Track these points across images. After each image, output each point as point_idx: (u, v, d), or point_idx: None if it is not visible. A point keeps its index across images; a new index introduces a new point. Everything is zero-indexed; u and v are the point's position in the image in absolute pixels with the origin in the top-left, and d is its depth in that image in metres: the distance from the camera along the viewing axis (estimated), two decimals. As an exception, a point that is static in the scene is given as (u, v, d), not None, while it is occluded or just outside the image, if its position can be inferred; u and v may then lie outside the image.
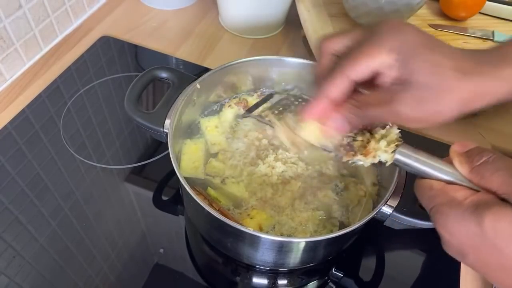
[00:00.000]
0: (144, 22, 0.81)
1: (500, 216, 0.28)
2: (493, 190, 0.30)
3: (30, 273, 0.48)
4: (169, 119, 0.49)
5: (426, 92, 0.33)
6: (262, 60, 0.55)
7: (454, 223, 0.30)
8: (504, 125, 0.66)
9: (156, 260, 0.51)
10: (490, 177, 0.30)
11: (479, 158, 0.32)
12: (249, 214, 0.47)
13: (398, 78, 0.34)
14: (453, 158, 0.34)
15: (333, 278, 0.50)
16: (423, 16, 0.74)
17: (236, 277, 0.50)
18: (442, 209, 0.31)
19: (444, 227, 0.31)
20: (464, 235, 0.30)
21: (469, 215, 0.29)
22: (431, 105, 0.33)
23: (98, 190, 0.56)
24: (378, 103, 0.35)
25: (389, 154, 0.36)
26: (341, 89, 0.36)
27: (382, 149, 0.36)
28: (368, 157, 0.37)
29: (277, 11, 0.75)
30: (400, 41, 0.34)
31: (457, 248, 0.31)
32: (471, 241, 0.29)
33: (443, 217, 0.31)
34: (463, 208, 0.30)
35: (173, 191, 0.57)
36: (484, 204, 0.29)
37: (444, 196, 0.32)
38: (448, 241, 0.31)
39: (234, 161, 0.52)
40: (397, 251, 0.53)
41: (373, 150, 0.37)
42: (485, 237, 0.28)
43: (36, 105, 0.64)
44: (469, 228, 0.29)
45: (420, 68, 0.33)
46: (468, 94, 0.33)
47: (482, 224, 0.28)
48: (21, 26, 0.65)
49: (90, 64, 0.72)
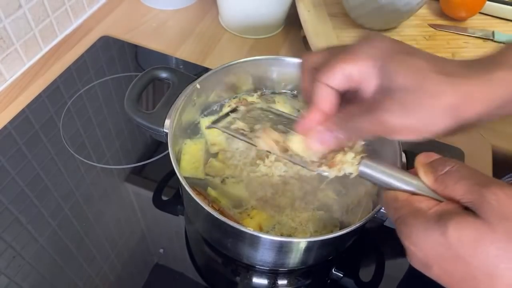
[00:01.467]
0: (144, 22, 0.81)
1: (464, 225, 0.27)
2: (457, 198, 0.30)
3: (30, 273, 0.48)
4: (169, 119, 0.49)
5: (408, 97, 0.32)
6: (262, 60, 0.55)
7: (418, 233, 0.29)
8: (504, 125, 0.66)
9: (156, 260, 0.51)
10: (453, 186, 0.30)
11: (442, 168, 0.31)
12: (249, 214, 0.47)
13: (379, 86, 0.33)
14: (418, 169, 0.33)
15: (333, 278, 0.50)
16: (423, 16, 0.74)
17: (236, 277, 0.50)
18: (407, 220, 0.31)
19: (409, 238, 0.30)
20: (428, 246, 0.29)
21: (433, 225, 0.29)
22: (417, 111, 0.32)
23: (98, 190, 0.56)
24: (362, 113, 0.34)
25: (354, 166, 0.36)
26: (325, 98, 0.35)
27: (349, 162, 0.36)
28: (333, 169, 0.37)
29: (277, 11, 0.75)
30: (377, 48, 0.33)
31: (422, 260, 0.30)
32: (435, 251, 0.29)
33: (408, 227, 0.30)
34: (427, 218, 0.29)
35: (173, 191, 0.57)
36: (447, 213, 0.29)
37: (409, 207, 0.32)
38: (413, 252, 0.30)
39: (234, 161, 0.52)
40: (397, 252, 0.53)
41: (339, 162, 0.37)
42: (449, 246, 0.28)
43: (36, 105, 0.64)
44: (433, 238, 0.29)
45: (400, 73, 0.32)
46: (455, 99, 0.32)
47: (446, 234, 0.28)
48: (21, 26, 0.65)
49: (90, 64, 0.72)
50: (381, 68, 0.33)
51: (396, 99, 0.32)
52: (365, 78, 0.34)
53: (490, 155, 0.63)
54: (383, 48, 0.34)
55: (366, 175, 0.36)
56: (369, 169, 0.36)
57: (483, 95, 0.32)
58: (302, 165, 0.39)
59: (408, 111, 0.32)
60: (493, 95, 0.32)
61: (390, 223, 0.45)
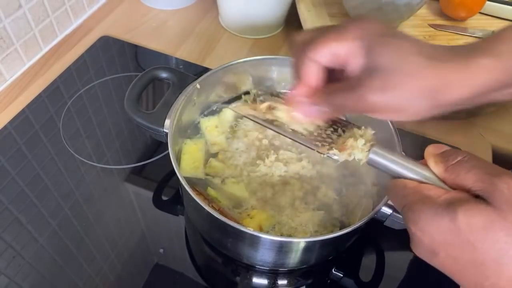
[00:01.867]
0: (144, 22, 0.81)
1: (474, 212, 0.28)
2: (467, 187, 0.30)
3: (30, 273, 0.48)
4: (169, 119, 0.49)
5: (389, 76, 0.33)
6: (262, 60, 0.55)
7: (426, 219, 0.30)
8: (504, 125, 0.66)
9: (156, 260, 0.51)
10: (465, 175, 0.30)
11: (454, 158, 0.31)
12: (249, 214, 0.47)
13: (364, 65, 0.34)
14: (428, 159, 0.33)
15: (333, 278, 0.50)
16: (423, 16, 0.74)
17: (236, 277, 0.50)
18: (415, 207, 0.31)
19: (416, 224, 0.30)
20: (436, 232, 0.29)
21: (442, 211, 0.29)
22: (396, 91, 0.33)
23: (98, 190, 0.56)
24: (346, 89, 0.35)
25: (364, 153, 0.36)
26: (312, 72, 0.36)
27: (359, 148, 0.36)
28: (343, 152, 0.37)
29: (277, 11, 0.75)
30: (364, 29, 0.34)
31: (428, 246, 0.30)
32: (443, 237, 0.29)
33: (416, 214, 0.30)
34: (436, 204, 0.30)
35: (173, 191, 0.57)
36: (457, 200, 0.29)
37: (417, 194, 0.32)
38: (419, 239, 0.30)
39: (234, 161, 0.52)
40: (397, 251, 0.53)
41: (350, 147, 0.37)
42: (458, 232, 0.28)
43: (36, 105, 0.64)
44: (442, 224, 0.29)
45: (383, 53, 0.33)
46: (435, 82, 0.32)
47: (456, 220, 0.28)
48: (21, 26, 0.65)
49: (90, 64, 0.72)
50: (366, 48, 0.34)
51: (377, 78, 0.33)
52: (351, 57, 0.35)
53: (490, 155, 0.63)
54: (370, 29, 0.34)
55: (375, 163, 0.36)
56: (378, 157, 0.36)
57: (464, 81, 0.32)
58: (312, 147, 0.38)
59: (387, 90, 0.33)
60: (473, 81, 0.33)
61: (390, 223, 0.45)
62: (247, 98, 0.44)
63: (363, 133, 0.38)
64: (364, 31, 0.34)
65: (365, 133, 0.37)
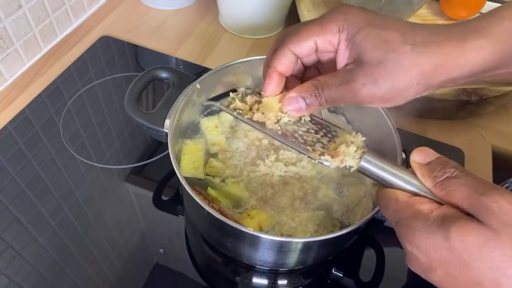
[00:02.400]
0: (144, 22, 0.81)
1: (467, 229, 0.27)
2: (456, 204, 0.30)
3: (30, 273, 0.48)
4: (169, 119, 0.49)
5: (378, 68, 0.33)
6: (262, 60, 0.55)
7: (421, 236, 0.29)
8: (504, 125, 0.66)
9: (156, 260, 0.51)
10: (454, 192, 0.30)
11: (441, 174, 0.31)
12: (249, 214, 0.47)
13: (350, 57, 0.34)
14: (415, 170, 0.33)
15: (333, 278, 0.50)
16: (423, 16, 0.74)
17: (236, 277, 0.50)
18: (409, 223, 0.30)
19: (411, 242, 0.30)
20: (431, 249, 0.29)
21: (436, 228, 0.29)
22: (389, 81, 0.33)
23: (98, 190, 0.56)
24: (336, 83, 0.35)
25: (355, 160, 0.36)
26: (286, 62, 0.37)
27: (351, 154, 0.36)
28: (336, 159, 0.37)
29: (277, 11, 0.75)
30: (347, 20, 0.34)
31: (425, 264, 0.30)
32: (438, 255, 0.28)
33: (410, 230, 0.30)
34: (430, 221, 0.29)
35: (173, 191, 0.57)
36: (450, 217, 0.29)
37: (410, 209, 0.31)
38: (415, 256, 0.30)
39: (234, 161, 0.52)
40: (397, 251, 0.53)
41: (342, 153, 0.37)
42: (453, 250, 0.28)
43: (36, 105, 0.64)
44: (436, 242, 0.28)
45: (367, 45, 0.33)
46: (426, 69, 0.33)
47: (449, 238, 0.28)
48: (21, 26, 0.65)
49: (90, 64, 0.72)
50: (350, 40, 0.34)
51: (367, 71, 0.33)
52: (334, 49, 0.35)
53: (490, 155, 0.63)
54: (354, 20, 0.34)
55: (366, 170, 0.36)
56: (369, 165, 0.36)
57: (455, 63, 0.33)
58: (303, 152, 0.38)
59: (379, 83, 0.33)
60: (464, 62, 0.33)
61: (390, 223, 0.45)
62: (234, 96, 0.44)
63: (355, 139, 0.37)
64: (346, 22, 0.34)
65: (357, 140, 0.37)
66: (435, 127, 0.65)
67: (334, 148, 0.38)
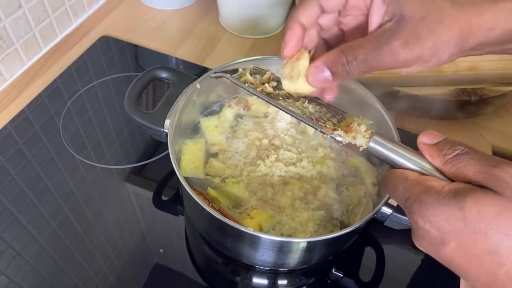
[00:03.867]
0: (144, 22, 0.81)
1: (483, 200, 0.27)
2: (468, 178, 0.29)
3: (30, 273, 0.48)
4: (169, 119, 0.49)
5: (421, 25, 0.32)
6: (262, 60, 0.55)
7: (434, 210, 0.29)
8: (504, 125, 0.66)
9: (156, 260, 0.51)
10: (465, 167, 0.30)
11: (451, 151, 0.31)
12: (249, 214, 0.47)
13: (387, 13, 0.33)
14: (423, 151, 0.33)
15: (333, 278, 0.50)
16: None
17: (236, 277, 0.50)
18: (420, 198, 0.30)
19: (424, 216, 0.29)
20: (445, 221, 0.28)
21: (449, 200, 0.28)
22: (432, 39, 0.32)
23: (98, 190, 0.56)
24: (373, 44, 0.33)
25: (365, 139, 0.36)
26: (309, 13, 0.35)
27: (362, 133, 0.36)
28: (348, 135, 0.37)
29: (277, 11, 0.75)
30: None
31: (437, 237, 0.29)
32: (453, 227, 0.28)
33: (423, 205, 0.30)
34: (442, 195, 0.29)
35: (173, 191, 0.57)
36: (463, 190, 0.28)
37: (420, 185, 0.31)
38: (427, 231, 0.30)
39: (234, 161, 0.52)
40: (397, 251, 0.53)
41: (355, 130, 0.37)
42: (468, 221, 0.27)
43: (36, 105, 0.64)
44: (451, 213, 0.28)
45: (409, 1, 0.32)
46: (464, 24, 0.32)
47: (465, 208, 0.27)
48: (21, 26, 0.65)
49: (90, 64, 0.72)
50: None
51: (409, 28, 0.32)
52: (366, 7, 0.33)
53: (490, 155, 0.63)
54: None
55: (375, 151, 0.36)
56: (378, 145, 0.35)
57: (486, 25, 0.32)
58: (316, 127, 0.38)
59: (422, 41, 0.32)
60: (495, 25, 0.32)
61: (390, 223, 0.45)
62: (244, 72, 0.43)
63: (363, 122, 0.37)
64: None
65: (364, 121, 0.37)
66: (435, 127, 0.65)
67: (346, 125, 0.37)
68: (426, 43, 0.32)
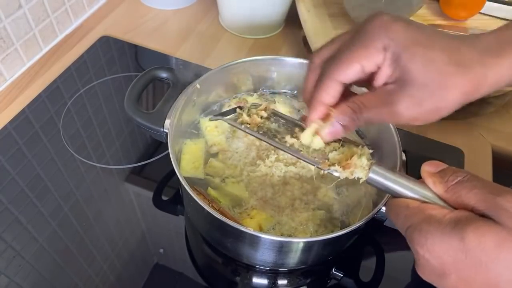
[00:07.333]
0: (144, 22, 0.81)
1: (483, 230, 0.27)
2: (470, 206, 0.29)
3: (30, 273, 0.48)
4: (169, 119, 0.49)
5: (424, 90, 0.32)
6: (262, 60, 0.55)
7: (434, 239, 0.29)
8: (504, 125, 0.66)
9: (156, 260, 0.51)
10: (467, 195, 0.30)
11: (453, 178, 0.31)
12: (249, 214, 0.47)
13: (392, 77, 0.33)
14: (426, 179, 0.33)
15: (333, 278, 0.50)
16: (423, 16, 0.74)
17: (236, 277, 0.50)
18: (421, 227, 0.30)
19: (423, 246, 0.29)
20: (445, 252, 0.28)
21: (450, 231, 0.28)
22: (432, 102, 0.32)
23: (98, 190, 0.56)
24: (377, 105, 0.34)
25: (364, 171, 0.36)
26: (333, 94, 0.36)
27: (362, 166, 0.37)
28: (347, 171, 0.37)
29: (277, 11, 0.75)
30: (390, 39, 0.33)
31: (437, 269, 0.29)
32: (453, 258, 0.28)
33: (422, 234, 0.30)
34: (443, 224, 0.29)
35: (173, 191, 0.57)
36: (464, 219, 0.28)
37: (421, 214, 0.31)
38: (427, 260, 0.30)
39: (234, 161, 0.52)
40: (397, 251, 0.53)
41: (353, 165, 0.37)
42: (468, 252, 0.27)
43: (36, 105, 0.64)
44: (451, 245, 0.28)
45: (414, 66, 0.32)
46: (469, 87, 0.32)
47: (465, 239, 0.27)
48: (21, 26, 0.65)
49: (90, 64, 0.72)
50: (395, 60, 0.33)
51: (412, 93, 0.32)
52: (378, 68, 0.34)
53: (490, 155, 0.63)
54: (398, 37, 0.33)
55: (375, 182, 0.36)
56: (378, 176, 0.36)
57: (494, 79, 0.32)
58: (314, 164, 0.38)
59: (423, 105, 0.32)
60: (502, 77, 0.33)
61: (390, 223, 0.45)
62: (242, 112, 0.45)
63: (362, 152, 0.38)
64: (392, 41, 0.33)
65: (364, 152, 0.38)
66: (435, 127, 0.65)
67: (345, 159, 0.38)
68: (427, 106, 0.33)
